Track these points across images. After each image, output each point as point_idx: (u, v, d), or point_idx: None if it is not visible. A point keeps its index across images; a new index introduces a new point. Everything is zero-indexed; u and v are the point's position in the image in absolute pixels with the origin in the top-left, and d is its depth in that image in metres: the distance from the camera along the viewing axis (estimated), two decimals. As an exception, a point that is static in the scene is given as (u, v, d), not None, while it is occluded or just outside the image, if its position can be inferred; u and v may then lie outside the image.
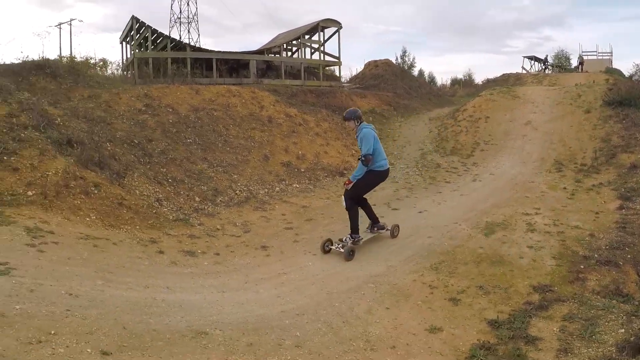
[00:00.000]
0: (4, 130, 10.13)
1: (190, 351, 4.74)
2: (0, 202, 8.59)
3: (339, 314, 6.34)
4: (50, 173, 9.35)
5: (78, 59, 20.25)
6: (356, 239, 8.93)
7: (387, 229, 9.57)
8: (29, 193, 8.89)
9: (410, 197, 12.94)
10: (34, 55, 18.15)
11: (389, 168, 9.30)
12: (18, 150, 9.63)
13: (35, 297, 5.32)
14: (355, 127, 9.03)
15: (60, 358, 4.09)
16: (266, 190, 12.99)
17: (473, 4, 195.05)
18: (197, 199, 11.34)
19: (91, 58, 21.62)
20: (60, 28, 23.93)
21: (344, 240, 8.95)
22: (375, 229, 9.51)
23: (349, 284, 7.39)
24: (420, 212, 11.34)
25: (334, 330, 5.91)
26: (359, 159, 8.87)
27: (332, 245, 8.90)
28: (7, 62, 17.03)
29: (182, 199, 11.08)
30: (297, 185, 13.74)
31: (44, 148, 9.94)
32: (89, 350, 4.31)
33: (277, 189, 13.29)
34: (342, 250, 8.64)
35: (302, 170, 14.78)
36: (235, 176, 13.14)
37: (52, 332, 4.50)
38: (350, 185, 8.90)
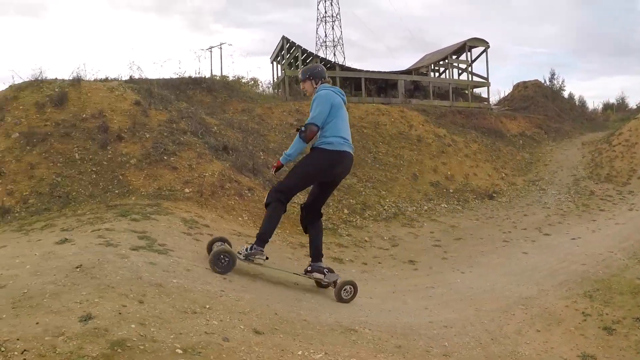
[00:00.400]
0: (165, 133, 10.94)
1: (341, 343, 4.78)
2: (159, 195, 9.23)
3: (487, 331, 6.21)
4: (207, 174, 9.95)
5: (230, 77, 21.72)
6: (254, 252, 6.08)
7: (328, 282, 6.56)
8: (186, 190, 9.49)
9: (562, 223, 12.50)
10: (190, 72, 19.74)
11: (347, 152, 6.16)
12: (177, 152, 10.35)
13: (191, 275, 5.56)
14: (314, 92, 6.30)
15: (214, 328, 4.23)
16: (414, 208, 13.01)
17: (622, 22, 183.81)
18: (345, 211, 11.57)
19: (242, 77, 23.13)
20: (211, 51, 25.63)
21: (241, 249, 6.25)
22: (309, 269, 6.57)
23: (499, 303, 7.20)
24: (573, 238, 10.88)
25: (482, 345, 5.83)
26: (297, 130, 6.13)
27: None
28: (166, 77, 18.62)
29: (331, 210, 11.33)
30: (445, 206, 13.71)
31: (201, 152, 10.63)
32: (242, 327, 4.42)
33: (425, 207, 13.29)
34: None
35: (451, 190, 14.74)
36: (384, 192, 13.27)
37: (207, 306, 4.67)
38: (278, 170, 6.28)
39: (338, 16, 56.51)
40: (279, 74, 27.24)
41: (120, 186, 9.49)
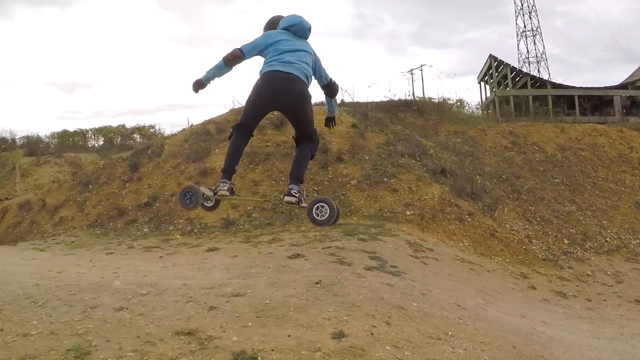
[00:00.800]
0: (383, 156, 11.42)
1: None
2: (381, 216, 9.67)
3: None
4: (427, 197, 10.24)
5: (436, 99, 22.18)
6: (219, 185, 5.26)
7: (301, 201, 5.09)
8: (407, 212, 9.84)
9: None
10: (399, 95, 20.39)
11: (272, 71, 5.07)
12: (397, 174, 10.75)
13: (427, 300, 5.74)
14: None
15: (461, 357, 4.27)
16: (638, 240, 12.32)
17: None
18: (565, 241, 11.30)
19: (449, 99, 23.50)
20: (412, 73, 26.17)
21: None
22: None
23: None
24: None
25: None
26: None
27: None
28: (375, 100, 19.42)
29: (550, 239, 11.14)
30: (673, 240, 12.86)
31: (420, 174, 10.95)
32: (485, 357, 4.41)
33: (651, 241, 12.59)
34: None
35: (679, 222, 13.81)
36: (605, 222, 12.67)
37: (449, 333, 4.73)
38: (197, 87, 5.33)
39: (538, 29, 53.74)
40: (488, 94, 27.04)
41: (342, 206, 9.96)
